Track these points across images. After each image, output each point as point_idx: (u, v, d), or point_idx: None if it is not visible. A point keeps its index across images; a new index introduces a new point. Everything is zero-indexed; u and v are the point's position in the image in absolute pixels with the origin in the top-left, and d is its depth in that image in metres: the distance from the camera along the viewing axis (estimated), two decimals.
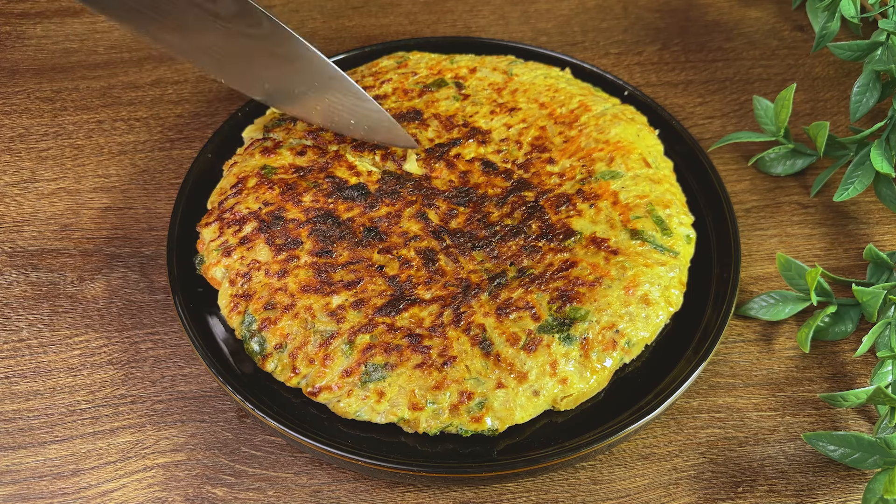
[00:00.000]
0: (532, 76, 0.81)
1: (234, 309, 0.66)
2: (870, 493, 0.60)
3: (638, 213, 0.70)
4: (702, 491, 0.64)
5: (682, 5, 1.00)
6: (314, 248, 0.68)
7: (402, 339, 0.64)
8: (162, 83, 0.91)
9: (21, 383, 0.69)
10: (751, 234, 0.79)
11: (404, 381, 0.62)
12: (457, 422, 0.61)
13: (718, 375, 0.70)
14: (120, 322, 0.72)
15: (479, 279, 0.67)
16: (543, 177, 0.73)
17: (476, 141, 0.76)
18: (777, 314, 0.72)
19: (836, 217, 0.80)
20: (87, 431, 0.66)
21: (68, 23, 0.97)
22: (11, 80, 0.91)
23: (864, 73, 0.79)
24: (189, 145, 0.85)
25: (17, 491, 0.63)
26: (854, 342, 0.72)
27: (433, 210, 0.71)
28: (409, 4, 1.00)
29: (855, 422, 0.68)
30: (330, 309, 0.65)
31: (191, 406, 0.68)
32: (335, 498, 0.64)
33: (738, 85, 0.91)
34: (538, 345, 0.63)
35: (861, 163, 0.76)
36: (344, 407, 0.62)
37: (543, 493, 0.64)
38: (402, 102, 0.79)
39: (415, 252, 0.68)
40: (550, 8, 0.99)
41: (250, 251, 0.68)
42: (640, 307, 0.66)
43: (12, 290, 0.74)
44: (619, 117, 0.77)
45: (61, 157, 0.84)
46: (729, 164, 0.84)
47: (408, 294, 0.66)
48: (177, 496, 0.63)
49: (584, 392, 0.64)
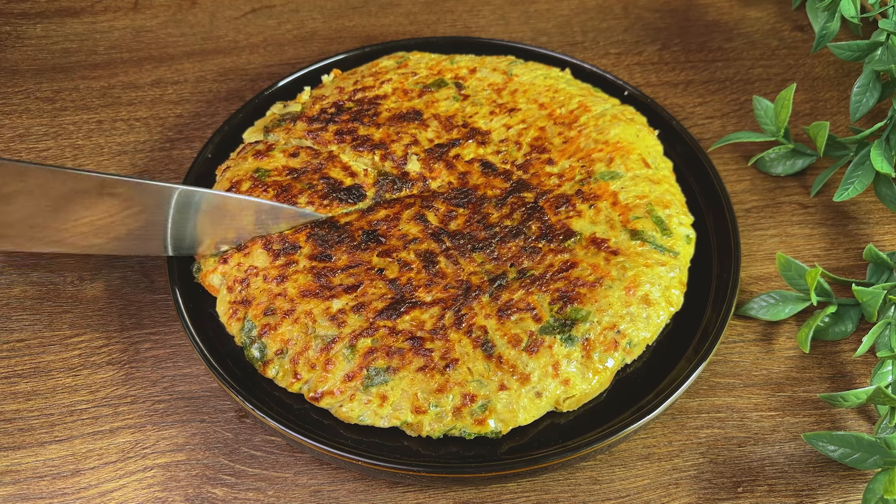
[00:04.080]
0: (532, 76, 0.81)
1: (234, 315, 0.66)
2: (870, 493, 0.60)
3: (637, 213, 0.70)
4: (702, 491, 0.64)
5: (682, 5, 1.00)
6: (313, 252, 0.68)
7: (403, 342, 0.64)
8: (162, 83, 0.91)
9: (21, 383, 0.69)
10: (751, 234, 0.79)
11: (407, 384, 0.62)
12: (460, 424, 0.61)
13: (718, 375, 0.70)
14: (120, 322, 0.72)
15: (479, 281, 0.67)
16: (543, 177, 0.73)
17: (475, 142, 0.76)
18: (777, 314, 0.72)
19: (836, 217, 0.80)
20: (87, 431, 0.66)
21: (68, 23, 0.97)
22: (11, 80, 0.91)
23: (864, 73, 0.79)
24: (189, 145, 0.85)
25: (17, 491, 0.63)
26: (854, 342, 0.72)
27: (432, 212, 0.71)
28: (409, 4, 1.00)
29: (855, 422, 0.68)
30: (330, 313, 0.65)
31: (191, 406, 0.68)
32: (335, 498, 0.64)
33: (738, 85, 0.91)
34: (540, 346, 0.63)
35: (861, 163, 0.76)
36: (347, 412, 0.62)
37: (543, 493, 0.64)
38: (401, 102, 0.79)
39: (414, 254, 0.68)
40: (550, 8, 0.99)
41: (247, 257, 0.68)
42: (640, 307, 0.66)
43: (12, 290, 0.74)
44: (619, 118, 0.77)
45: (61, 157, 0.84)
46: (729, 164, 0.84)
47: (408, 297, 0.66)
48: (177, 496, 0.63)
49: (586, 393, 0.64)
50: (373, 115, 0.77)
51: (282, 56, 0.94)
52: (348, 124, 0.76)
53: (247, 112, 0.80)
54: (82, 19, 0.97)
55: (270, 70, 0.92)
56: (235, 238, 0.69)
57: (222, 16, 0.98)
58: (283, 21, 0.98)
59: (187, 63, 0.93)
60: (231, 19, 0.98)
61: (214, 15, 0.98)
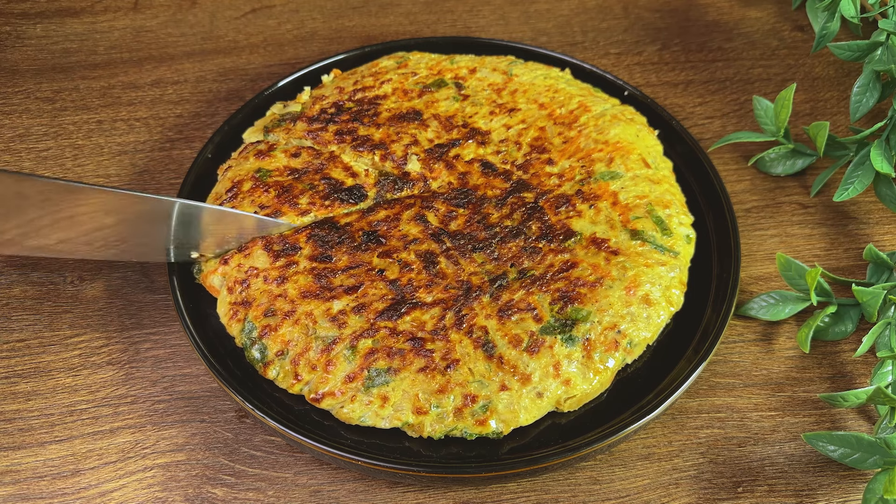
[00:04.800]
0: (532, 77, 0.81)
1: (234, 317, 0.66)
2: (870, 493, 0.60)
3: (638, 213, 0.70)
4: (702, 491, 0.64)
5: (682, 5, 1.00)
6: (313, 253, 0.68)
7: (404, 343, 0.63)
8: (162, 83, 0.91)
9: (21, 383, 0.69)
10: (751, 234, 0.79)
11: (408, 385, 0.62)
12: (461, 425, 0.61)
13: (718, 375, 0.70)
14: (120, 322, 0.72)
15: (479, 281, 0.67)
16: (543, 178, 0.73)
17: (475, 142, 0.76)
18: (777, 314, 0.72)
19: (836, 217, 0.80)
20: (87, 431, 0.66)
21: (68, 23, 0.97)
22: (11, 80, 0.91)
23: (864, 73, 0.79)
24: (189, 145, 0.85)
25: (17, 491, 0.63)
26: (854, 342, 0.72)
27: (432, 212, 0.71)
28: (409, 4, 1.00)
29: (855, 422, 0.68)
30: (331, 314, 0.65)
31: (191, 406, 0.68)
32: (335, 498, 0.64)
33: (738, 85, 0.91)
34: (541, 346, 0.63)
35: (861, 163, 0.76)
36: (348, 413, 0.62)
37: (543, 493, 0.64)
38: (401, 103, 0.79)
39: (415, 255, 0.68)
40: (550, 8, 0.99)
41: (248, 258, 0.68)
42: (641, 307, 0.66)
43: (12, 290, 0.74)
44: (619, 118, 0.77)
45: (61, 157, 0.84)
46: (729, 164, 0.84)
47: (409, 297, 0.66)
48: (177, 496, 0.63)
49: (587, 393, 0.64)
50: (373, 115, 0.77)
51: (282, 56, 0.94)
52: (348, 124, 0.76)
53: (247, 112, 0.80)
54: (82, 19, 0.97)
55: (270, 70, 0.92)
56: (237, 238, 0.69)
57: (222, 16, 0.98)
58: (283, 21, 0.98)
59: (187, 63, 0.93)
60: (231, 19, 0.98)
61: (214, 15, 0.98)
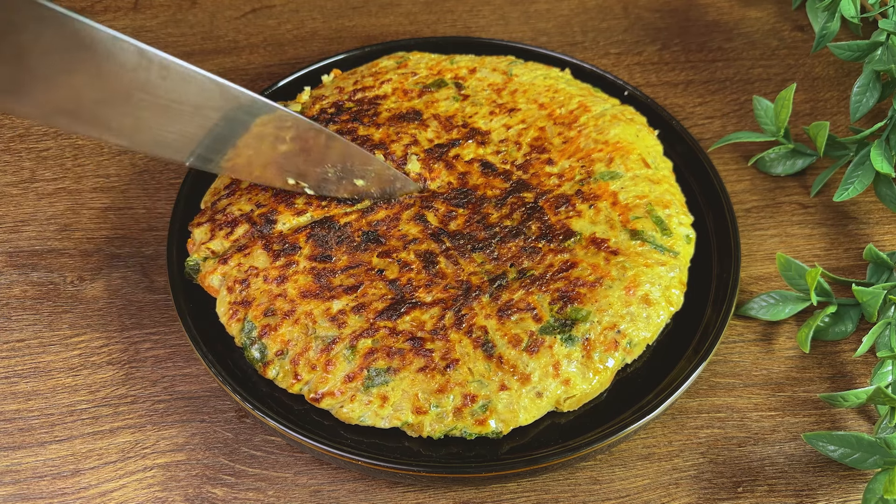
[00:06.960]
0: (532, 77, 0.81)
1: (234, 316, 0.66)
2: (870, 493, 0.60)
3: (637, 213, 0.70)
4: (702, 491, 0.64)
5: (682, 5, 1.00)
6: (313, 252, 0.68)
7: (403, 342, 0.63)
8: None
9: (21, 383, 0.69)
10: (751, 234, 0.79)
11: (407, 385, 0.62)
12: (461, 425, 0.61)
13: (718, 375, 0.70)
14: (120, 322, 0.72)
15: (479, 281, 0.67)
16: (542, 178, 0.73)
17: (475, 142, 0.76)
18: (777, 314, 0.72)
19: (836, 217, 0.80)
20: (87, 431, 0.66)
21: None
22: None
23: (864, 73, 0.79)
24: None
25: (17, 491, 0.63)
26: (854, 342, 0.72)
27: (432, 212, 0.71)
28: (409, 4, 1.00)
29: (855, 422, 0.68)
30: (331, 314, 0.65)
31: (191, 406, 0.68)
32: (335, 498, 0.64)
33: (738, 85, 0.91)
34: (540, 346, 0.63)
35: (861, 163, 0.76)
36: (347, 412, 0.62)
37: (543, 493, 0.64)
38: (401, 103, 0.79)
39: (414, 255, 0.68)
40: (550, 8, 0.99)
41: (247, 258, 0.68)
42: (640, 307, 0.66)
43: (12, 290, 0.74)
44: (619, 118, 0.77)
45: (61, 157, 0.84)
46: (729, 164, 0.84)
47: (408, 297, 0.66)
48: (177, 496, 0.63)
49: (586, 393, 0.64)
50: (373, 115, 0.77)
51: (282, 56, 0.94)
52: (348, 124, 0.76)
53: None
54: None
55: (270, 70, 0.92)
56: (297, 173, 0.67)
57: (222, 16, 0.98)
58: (283, 21, 0.98)
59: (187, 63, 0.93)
60: (231, 19, 0.98)
61: (214, 15, 0.98)
